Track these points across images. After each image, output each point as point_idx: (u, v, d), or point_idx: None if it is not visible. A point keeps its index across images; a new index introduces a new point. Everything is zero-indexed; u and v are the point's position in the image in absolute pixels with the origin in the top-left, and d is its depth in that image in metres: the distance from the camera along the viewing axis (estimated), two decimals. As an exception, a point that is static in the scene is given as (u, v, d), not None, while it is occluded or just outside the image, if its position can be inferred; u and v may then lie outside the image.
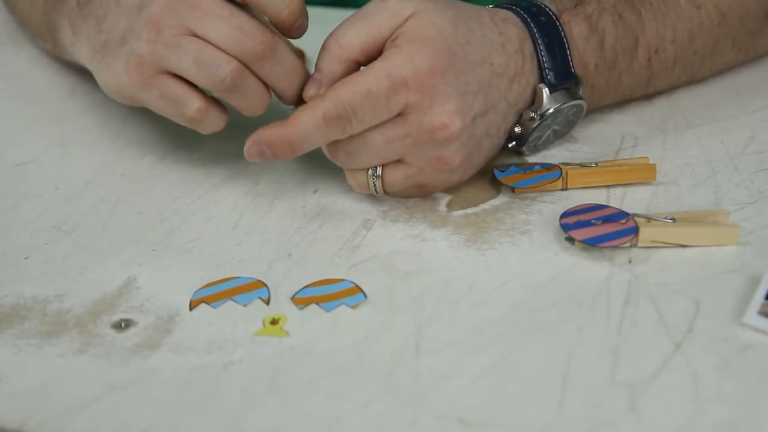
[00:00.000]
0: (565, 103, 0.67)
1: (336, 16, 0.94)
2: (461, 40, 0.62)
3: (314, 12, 0.96)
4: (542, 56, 0.66)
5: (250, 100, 0.63)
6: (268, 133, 0.62)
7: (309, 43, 0.90)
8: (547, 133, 0.69)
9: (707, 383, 0.52)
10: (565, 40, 0.66)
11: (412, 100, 0.60)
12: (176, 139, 0.74)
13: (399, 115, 0.61)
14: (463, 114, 0.61)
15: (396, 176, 0.64)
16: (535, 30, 0.66)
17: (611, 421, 0.50)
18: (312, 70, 0.86)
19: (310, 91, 0.63)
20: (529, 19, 0.66)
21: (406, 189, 0.65)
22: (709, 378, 0.52)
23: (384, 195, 0.65)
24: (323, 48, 0.63)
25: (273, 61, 0.62)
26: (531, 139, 0.68)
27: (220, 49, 0.61)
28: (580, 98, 0.68)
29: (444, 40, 0.61)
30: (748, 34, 0.76)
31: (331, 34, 0.63)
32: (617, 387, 0.52)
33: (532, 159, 0.70)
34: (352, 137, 0.61)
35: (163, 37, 0.61)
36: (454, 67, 0.61)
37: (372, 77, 0.60)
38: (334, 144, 0.62)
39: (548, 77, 0.66)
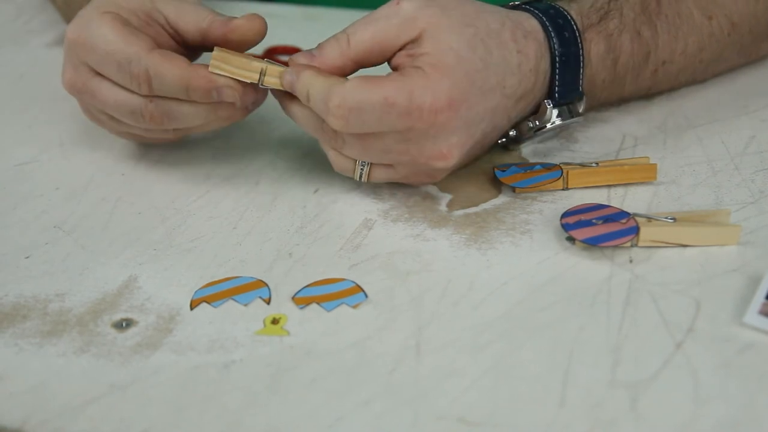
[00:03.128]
0: (565, 119, 0.67)
1: (335, 16, 0.94)
2: (479, 66, 0.61)
3: (314, 12, 0.96)
4: (556, 74, 0.65)
5: (185, 122, 0.66)
6: (293, 77, 0.62)
7: (309, 42, 0.90)
8: (539, 137, 0.69)
9: (708, 383, 0.52)
10: (581, 60, 0.66)
11: (420, 127, 0.60)
12: (177, 138, 0.74)
13: (400, 132, 0.60)
14: (463, 146, 0.62)
15: (382, 175, 0.64)
16: (556, 45, 0.65)
17: (612, 420, 0.50)
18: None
19: (300, 59, 0.63)
20: (552, 33, 0.65)
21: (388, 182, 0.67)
22: (709, 377, 0.52)
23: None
24: (335, 36, 0.63)
25: (158, 86, 0.64)
26: (526, 143, 0.69)
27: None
28: (580, 114, 0.68)
29: (463, 69, 0.60)
30: (754, 40, 0.76)
31: (347, 27, 0.63)
32: (618, 386, 0.52)
33: (532, 159, 0.70)
34: (353, 134, 0.61)
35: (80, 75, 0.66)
36: (469, 100, 0.60)
37: (394, 88, 0.59)
38: (336, 137, 0.62)
39: (556, 95, 0.66)
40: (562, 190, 0.67)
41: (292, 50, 0.87)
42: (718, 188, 0.67)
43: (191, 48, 0.68)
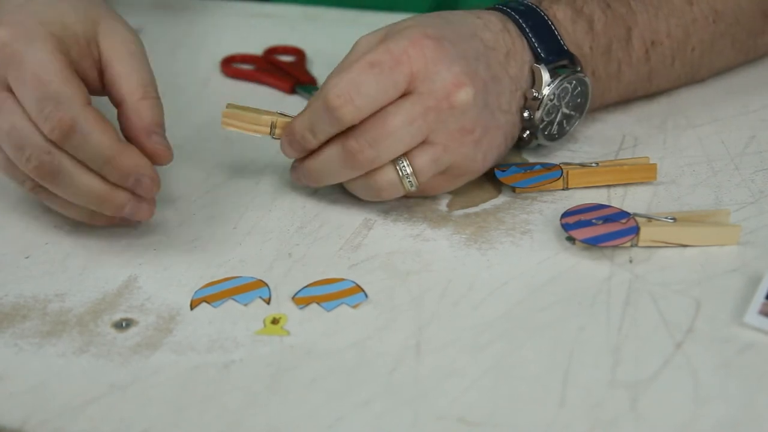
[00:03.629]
0: (565, 77, 0.66)
1: (335, 16, 0.94)
2: (441, 23, 0.63)
3: (314, 11, 0.96)
4: (530, 37, 0.66)
5: (70, 192, 0.59)
6: (290, 125, 0.63)
7: (309, 42, 0.90)
8: (558, 118, 0.68)
9: (708, 383, 0.52)
10: (549, 21, 0.67)
11: (416, 68, 0.60)
12: (177, 138, 0.74)
13: (411, 93, 0.61)
14: (471, 76, 0.62)
15: (424, 160, 0.62)
16: (516, 16, 0.66)
17: (612, 420, 0.50)
18: (312, 69, 0.86)
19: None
20: (507, 9, 0.67)
21: (437, 178, 0.64)
22: (709, 377, 0.52)
23: (418, 190, 0.64)
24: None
25: (75, 143, 0.58)
26: (542, 125, 0.67)
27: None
28: (581, 72, 0.67)
29: (426, 22, 0.63)
30: (748, 34, 0.76)
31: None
32: (618, 386, 0.52)
33: (532, 159, 0.70)
34: (373, 126, 0.60)
35: None
36: (447, 38, 0.62)
37: (373, 53, 0.61)
38: (356, 140, 0.61)
39: (541, 54, 0.66)
40: (562, 190, 0.67)
41: (292, 50, 0.87)
42: (718, 188, 0.67)
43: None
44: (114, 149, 0.58)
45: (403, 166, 0.62)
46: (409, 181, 0.63)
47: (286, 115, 0.65)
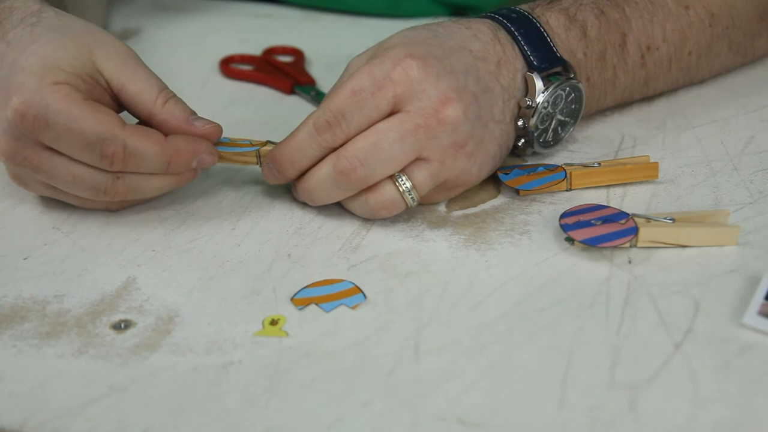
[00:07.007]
0: (558, 84, 0.66)
1: (334, 16, 0.94)
2: (429, 35, 0.63)
3: (311, 14, 0.96)
4: (522, 44, 0.66)
5: (147, 193, 0.64)
6: (272, 151, 0.64)
7: (308, 43, 0.90)
8: (552, 125, 0.68)
9: (707, 383, 0.52)
10: (542, 29, 0.67)
11: (401, 90, 0.60)
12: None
13: (400, 112, 0.61)
14: (460, 91, 0.61)
15: (422, 175, 0.62)
16: (508, 24, 0.66)
17: (611, 421, 0.50)
18: (311, 69, 0.86)
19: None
20: (498, 17, 0.67)
21: (435, 191, 0.64)
22: (708, 378, 0.52)
23: (419, 204, 0.64)
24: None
25: (135, 163, 0.62)
26: (537, 133, 0.67)
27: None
28: (574, 79, 0.67)
29: (413, 41, 0.62)
30: (745, 36, 0.76)
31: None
32: (617, 387, 0.52)
33: (531, 160, 0.70)
34: (363, 144, 0.60)
35: (20, 154, 0.62)
36: (433, 54, 0.62)
37: (355, 79, 0.61)
38: (347, 159, 0.61)
39: (534, 62, 0.66)
40: (565, 191, 0.67)
41: (291, 50, 0.87)
42: (717, 188, 0.67)
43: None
44: (167, 151, 0.62)
45: (403, 181, 0.62)
46: (411, 197, 0.62)
47: (272, 143, 0.65)
